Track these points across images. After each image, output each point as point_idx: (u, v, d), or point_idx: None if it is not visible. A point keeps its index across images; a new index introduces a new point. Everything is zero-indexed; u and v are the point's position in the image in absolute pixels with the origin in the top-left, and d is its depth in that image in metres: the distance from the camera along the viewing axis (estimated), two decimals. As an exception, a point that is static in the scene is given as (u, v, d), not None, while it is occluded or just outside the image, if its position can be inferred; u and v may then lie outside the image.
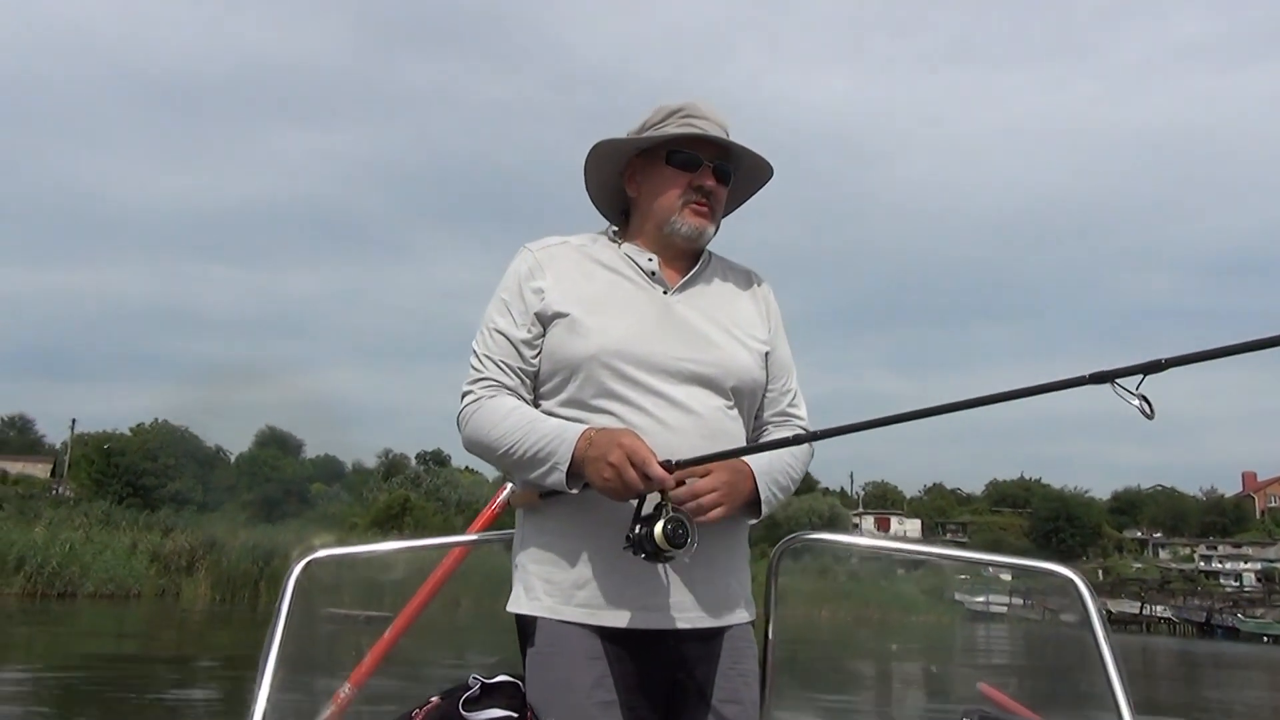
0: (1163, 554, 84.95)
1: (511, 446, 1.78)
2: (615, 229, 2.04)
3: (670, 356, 1.84)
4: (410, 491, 49.80)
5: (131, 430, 56.65)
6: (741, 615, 1.90)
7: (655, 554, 1.65)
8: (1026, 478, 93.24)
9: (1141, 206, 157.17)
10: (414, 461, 66.09)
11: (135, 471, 49.44)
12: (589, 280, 1.90)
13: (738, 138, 1.97)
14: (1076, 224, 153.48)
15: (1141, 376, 1.40)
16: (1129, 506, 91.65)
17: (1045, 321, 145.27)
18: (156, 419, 58.07)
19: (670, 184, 1.93)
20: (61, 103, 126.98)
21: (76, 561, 27.64)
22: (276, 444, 65.62)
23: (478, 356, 1.89)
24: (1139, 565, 77.24)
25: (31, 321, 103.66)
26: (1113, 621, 52.59)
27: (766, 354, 1.98)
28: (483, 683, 1.95)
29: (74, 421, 58.73)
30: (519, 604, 1.82)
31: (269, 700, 1.76)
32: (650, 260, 1.94)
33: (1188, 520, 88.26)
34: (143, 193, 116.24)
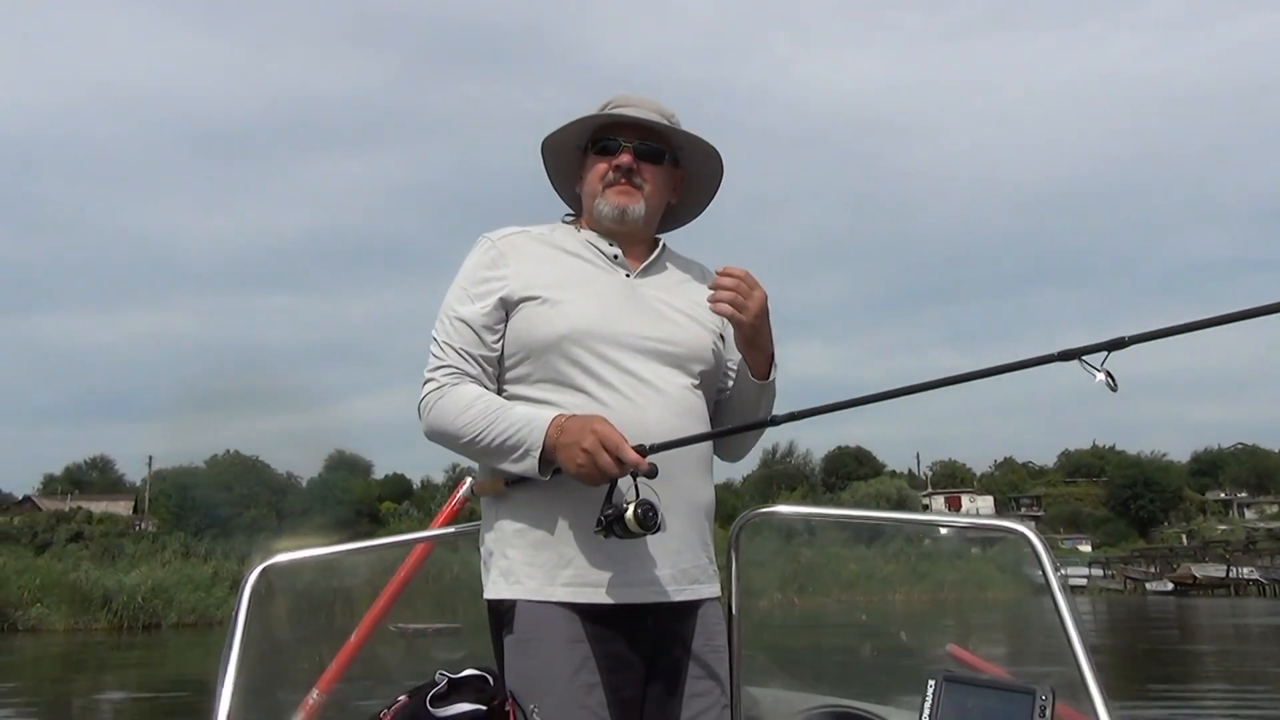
0: (1248, 514, 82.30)
1: (479, 434, 1.79)
2: (572, 215, 2.09)
3: (638, 336, 1.88)
4: (477, 504, 50.29)
5: (205, 463, 58.31)
6: (714, 589, 1.94)
7: (624, 536, 1.70)
8: (1100, 445, 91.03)
9: (1195, 158, 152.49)
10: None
11: (212, 503, 50.82)
12: (553, 265, 1.93)
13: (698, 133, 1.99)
14: (1130, 182, 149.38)
15: (1106, 353, 1.51)
16: (1210, 467, 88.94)
17: (1105, 284, 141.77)
18: (228, 450, 59.76)
19: (593, 171, 1.99)
20: (119, 157, 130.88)
21: (161, 595, 28.52)
22: (345, 467, 66.93)
23: (439, 344, 1.89)
24: (1224, 527, 74.89)
25: (105, 366, 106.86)
26: (1199, 586, 51.17)
27: (724, 338, 2.04)
28: (449, 678, 1.96)
29: (150, 459, 60.37)
30: (498, 589, 1.83)
31: (232, 711, 1.79)
32: (612, 245, 1.98)
33: (1273, 477, 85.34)
34: (197, 235, 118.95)
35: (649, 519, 1.68)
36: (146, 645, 24.60)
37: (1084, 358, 1.51)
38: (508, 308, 1.89)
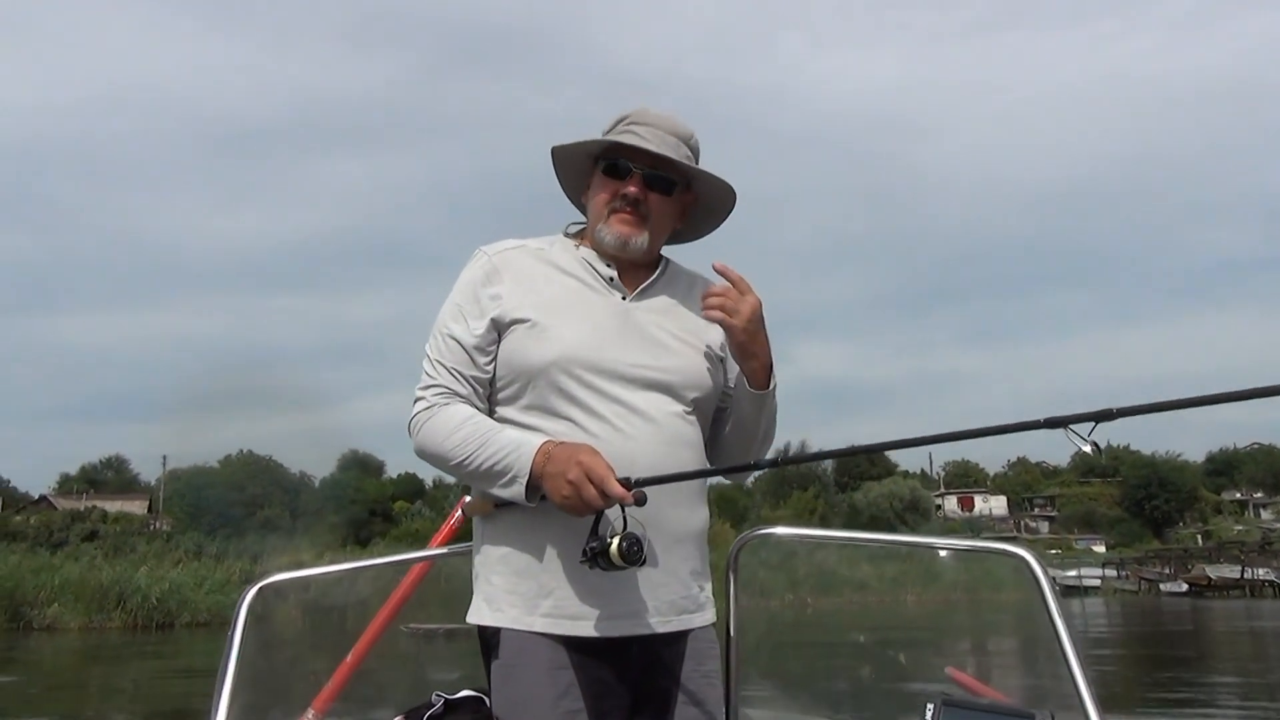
0: (1265, 514, 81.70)
1: (467, 457, 1.78)
2: (576, 229, 2.03)
3: (629, 363, 1.85)
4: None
5: (219, 463, 58.57)
6: (705, 618, 1.91)
7: (609, 568, 1.68)
8: (1114, 445, 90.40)
9: (1206, 157, 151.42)
10: (492, 473, 66.73)
11: (225, 502, 51.06)
12: (547, 285, 1.90)
13: (712, 154, 1.96)
14: (1141, 181, 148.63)
15: (1094, 424, 1.50)
16: (1225, 467, 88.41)
17: (1118, 283, 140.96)
18: (242, 450, 60.01)
19: (600, 191, 1.94)
20: (131, 157, 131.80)
21: (175, 595, 28.72)
22: (358, 466, 67.10)
23: (431, 362, 1.87)
24: (1240, 528, 74.36)
25: (118, 365, 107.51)
26: (1213, 588, 50.81)
27: (723, 360, 1.98)
28: (445, 699, 1.97)
29: (165, 458, 60.62)
30: (480, 615, 1.82)
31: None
32: (609, 266, 1.94)
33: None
34: (208, 235, 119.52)
35: (633, 553, 1.65)
36: (161, 642, 24.79)
37: (1071, 427, 1.51)
38: (500, 329, 1.87)
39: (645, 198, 1.91)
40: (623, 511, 1.68)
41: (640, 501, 1.67)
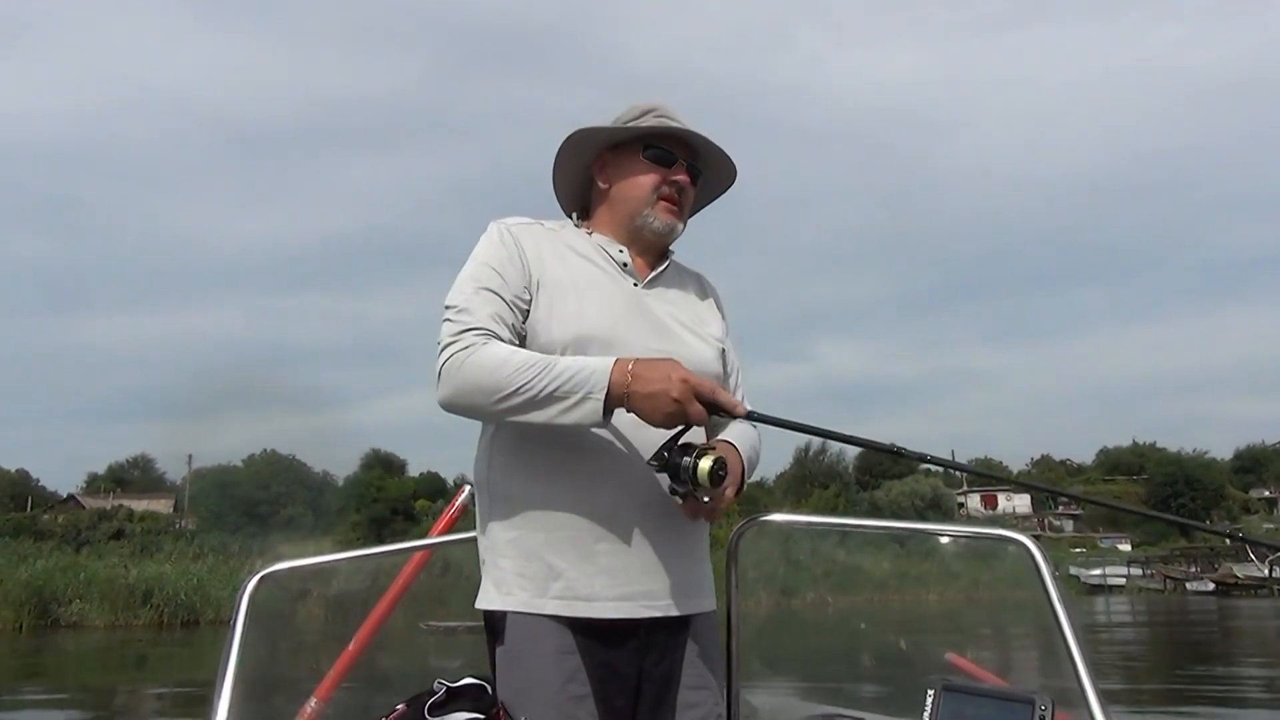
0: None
1: (527, 383, 1.68)
2: (578, 219, 2.05)
3: (642, 347, 1.85)
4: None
5: (243, 462, 59.08)
6: (707, 603, 1.93)
7: (685, 484, 1.69)
8: (1139, 443, 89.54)
9: (1229, 151, 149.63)
10: (513, 472, 66.93)
11: (250, 501, 51.51)
12: (563, 263, 1.91)
13: (730, 152, 2.02)
14: (1167, 176, 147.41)
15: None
16: (1254, 465, 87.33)
17: (1144, 280, 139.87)
18: (265, 449, 60.50)
19: (645, 176, 1.96)
20: (154, 159, 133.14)
21: (200, 592, 29.02)
22: (381, 465, 67.49)
23: (462, 310, 1.79)
24: (1269, 526, 73.43)
25: (143, 365, 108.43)
26: (1240, 587, 50.20)
27: (724, 352, 2.03)
28: (448, 687, 1.97)
29: (190, 457, 61.15)
30: (489, 600, 1.82)
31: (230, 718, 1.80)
32: (622, 251, 1.96)
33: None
34: (231, 236, 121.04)
35: (719, 477, 1.68)
36: (187, 636, 25.10)
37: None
38: (530, 291, 1.86)
39: (687, 188, 1.98)
40: (707, 436, 1.73)
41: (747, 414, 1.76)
